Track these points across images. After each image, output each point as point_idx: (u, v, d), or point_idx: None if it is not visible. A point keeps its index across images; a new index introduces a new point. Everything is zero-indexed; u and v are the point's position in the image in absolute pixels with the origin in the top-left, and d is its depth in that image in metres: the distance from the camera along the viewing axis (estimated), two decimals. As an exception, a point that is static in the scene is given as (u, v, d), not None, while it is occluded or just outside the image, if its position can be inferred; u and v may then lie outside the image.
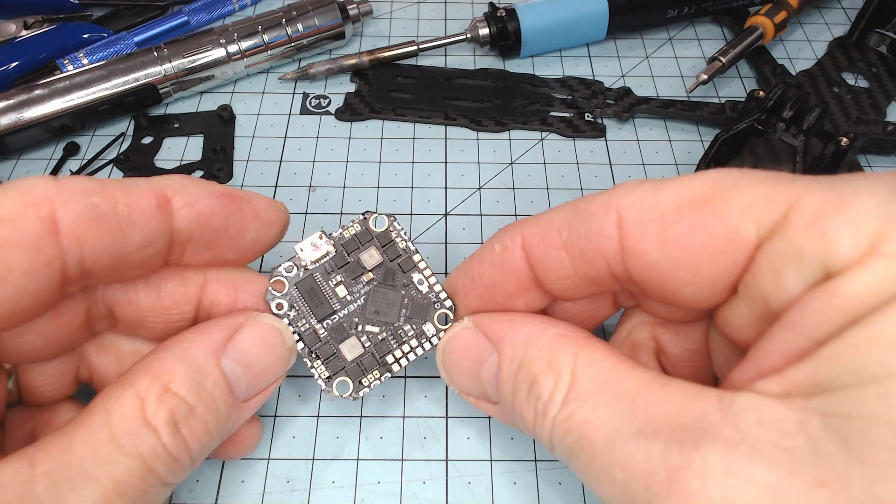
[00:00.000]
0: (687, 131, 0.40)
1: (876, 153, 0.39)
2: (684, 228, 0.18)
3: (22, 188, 0.19)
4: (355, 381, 0.24)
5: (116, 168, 0.38)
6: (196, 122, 0.40)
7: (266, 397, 0.24)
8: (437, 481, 0.27)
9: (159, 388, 0.20)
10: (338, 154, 0.38)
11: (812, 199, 0.16)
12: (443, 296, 0.25)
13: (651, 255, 0.19)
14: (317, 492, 0.26)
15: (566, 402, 0.19)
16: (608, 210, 0.19)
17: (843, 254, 0.15)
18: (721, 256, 0.18)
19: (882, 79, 0.42)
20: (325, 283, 0.25)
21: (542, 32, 0.43)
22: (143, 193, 0.21)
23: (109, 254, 0.20)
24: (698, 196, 0.18)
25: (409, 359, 0.25)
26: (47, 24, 0.44)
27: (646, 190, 0.19)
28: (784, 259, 0.17)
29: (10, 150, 0.38)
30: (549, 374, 0.20)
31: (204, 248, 0.23)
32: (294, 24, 0.42)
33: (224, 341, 0.22)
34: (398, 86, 0.42)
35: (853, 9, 0.47)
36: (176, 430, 0.20)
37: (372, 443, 0.28)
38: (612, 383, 0.19)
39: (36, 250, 0.18)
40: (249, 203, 0.23)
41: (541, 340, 0.21)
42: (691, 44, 0.46)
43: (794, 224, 0.16)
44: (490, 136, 0.40)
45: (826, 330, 0.15)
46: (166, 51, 0.39)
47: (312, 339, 0.24)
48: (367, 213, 0.25)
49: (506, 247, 0.22)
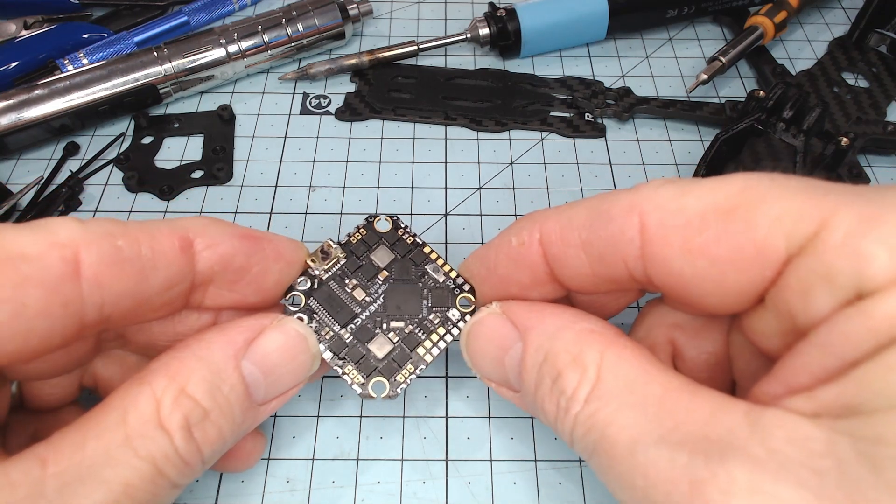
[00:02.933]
0: (687, 131, 0.40)
1: (876, 153, 0.39)
2: (710, 238, 0.17)
3: (49, 228, 0.19)
4: (391, 380, 0.24)
5: (116, 168, 0.38)
6: (196, 122, 0.40)
7: (284, 402, 0.23)
8: (437, 481, 0.27)
9: (176, 390, 0.19)
10: (338, 154, 0.38)
11: (846, 215, 0.16)
12: (460, 281, 0.25)
13: (674, 264, 0.18)
14: (317, 492, 0.26)
15: (590, 400, 0.18)
16: (630, 213, 0.19)
17: (878, 274, 0.15)
18: (748, 270, 0.17)
19: (882, 79, 0.42)
20: (342, 289, 0.24)
21: (542, 32, 0.43)
22: (165, 236, 0.20)
23: (131, 297, 0.20)
24: (726, 204, 0.17)
25: (440, 347, 0.24)
26: (47, 24, 0.44)
27: (671, 193, 0.18)
28: (815, 278, 0.16)
29: (10, 150, 0.38)
30: (575, 368, 0.19)
31: (226, 289, 0.22)
32: (294, 24, 0.41)
33: (245, 343, 0.21)
34: (398, 86, 0.42)
35: (853, 9, 0.47)
36: (189, 435, 0.19)
37: (372, 443, 0.28)
38: (639, 385, 0.18)
39: (54, 290, 0.18)
40: (271, 243, 0.23)
41: (568, 334, 0.20)
42: (691, 44, 0.46)
43: (826, 242, 0.16)
44: (490, 136, 0.40)
45: (858, 351, 0.15)
46: (166, 51, 0.39)
47: (339, 345, 0.24)
48: (370, 217, 0.25)
49: (523, 241, 0.22)
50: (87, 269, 0.19)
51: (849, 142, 0.34)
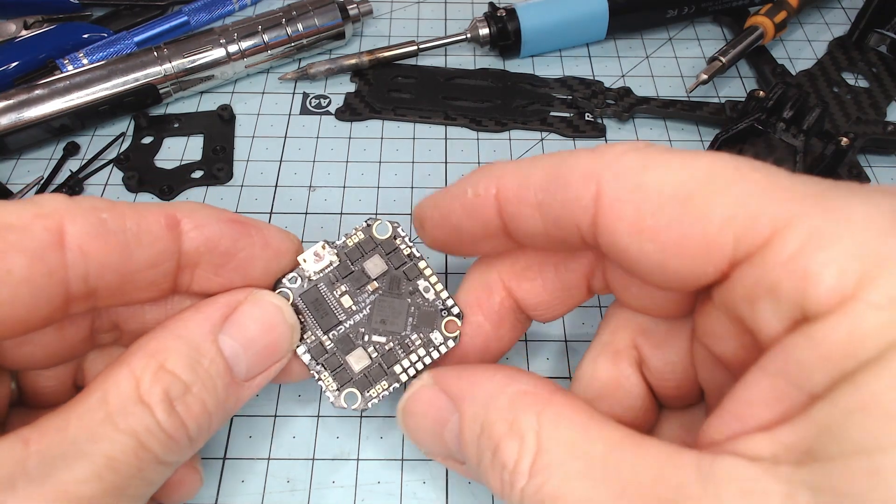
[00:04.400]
0: (687, 131, 0.40)
1: (876, 153, 0.39)
2: (661, 223, 0.17)
3: (35, 201, 0.19)
4: (363, 393, 0.24)
5: (116, 168, 0.38)
6: (196, 122, 0.40)
7: (269, 377, 0.23)
8: (437, 481, 0.27)
9: (155, 366, 0.20)
10: (338, 154, 0.38)
11: (799, 227, 0.15)
12: (450, 303, 0.25)
13: (622, 239, 0.18)
14: (317, 492, 0.26)
15: (533, 474, 0.18)
16: (588, 181, 0.18)
17: (823, 297, 0.14)
18: (692, 262, 0.17)
19: (882, 79, 0.42)
20: (330, 293, 0.24)
21: (542, 32, 0.43)
22: (152, 213, 0.21)
23: (115, 271, 0.20)
24: (684, 189, 0.17)
25: (416, 368, 0.24)
26: (47, 24, 0.44)
27: (633, 165, 0.18)
28: (761, 290, 0.16)
29: (10, 150, 0.38)
30: (513, 438, 0.18)
31: (212, 274, 0.22)
32: (294, 24, 0.42)
33: (222, 319, 0.22)
34: (398, 86, 0.42)
35: (853, 9, 0.47)
36: (171, 408, 0.19)
37: (372, 443, 0.28)
38: (580, 445, 0.17)
39: (38, 258, 0.19)
40: (259, 231, 0.23)
41: (502, 399, 0.19)
42: (691, 44, 0.46)
43: (774, 255, 0.15)
44: (490, 136, 0.40)
45: (814, 384, 0.14)
46: (166, 51, 0.39)
47: (319, 350, 0.24)
48: (370, 220, 0.25)
49: (479, 193, 0.21)
50: (71, 240, 0.19)
51: (849, 142, 0.34)
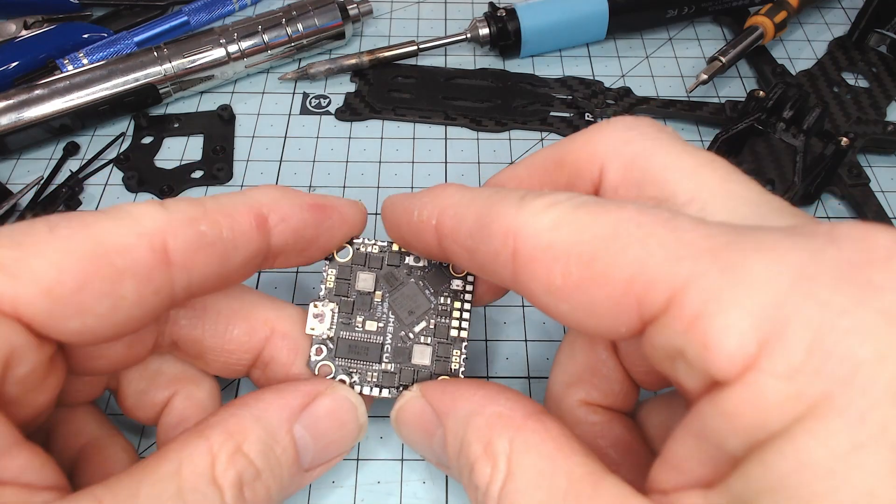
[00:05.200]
0: (687, 131, 0.40)
1: (876, 153, 0.39)
2: (569, 284, 0.17)
3: (134, 215, 0.19)
4: (450, 372, 0.24)
5: (116, 168, 0.38)
6: (196, 122, 0.40)
7: (328, 468, 0.23)
8: (436, 481, 0.27)
9: (232, 447, 0.20)
10: (338, 154, 0.38)
11: (697, 289, 0.15)
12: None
13: (540, 298, 0.18)
14: (317, 492, 0.26)
15: (502, 498, 0.19)
16: (507, 237, 0.18)
17: (724, 365, 0.14)
18: (604, 322, 0.17)
19: (882, 79, 0.42)
20: (354, 331, 0.24)
21: (542, 32, 0.43)
22: (242, 216, 0.21)
23: (215, 276, 0.21)
24: (590, 250, 0.17)
25: (465, 318, 0.24)
26: (47, 24, 0.44)
27: (546, 223, 0.18)
28: (671, 353, 0.16)
29: (10, 150, 0.38)
30: (486, 461, 0.19)
31: (295, 255, 0.23)
32: (294, 24, 0.42)
33: (300, 408, 0.22)
34: (398, 86, 0.42)
35: (853, 9, 0.47)
36: (240, 494, 0.20)
37: (372, 443, 0.28)
38: (546, 476, 0.18)
39: (147, 280, 0.19)
40: (336, 210, 0.24)
41: (479, 420, 0.20)
42: (691, 44, 0.46)
43: (673, 322, 0.15)
44: (490, 136, 0.40)
45: (730, 448, 0.15)
46: (166, 51, 0.39)
47: (389, 378, 0.24)
48: (329, 256, 0.25)
49: (422, 219, 0.22)
50: (174, 256, 0.19)
51: (849, 142, 0.34)
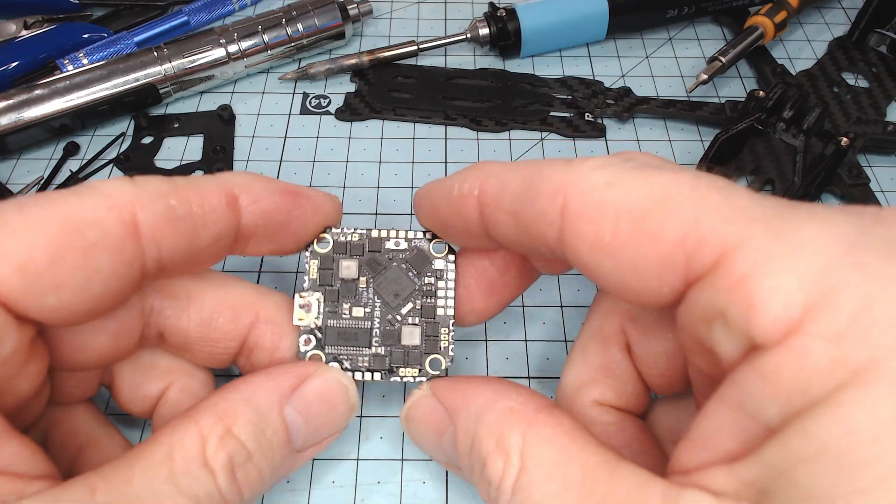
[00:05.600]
0: (687, 131, 0.40)
1: (876, 153, 0.39)
2: (618, 243, 0.17)
3: (102, 190, 0.20)
4: (440, 351, 0.24)
5: (116, 168, 0.38)
6: (196, 122, 0.40)
7: (321, 449, 0.24)
8: (437, 481, 0.27)
9: (222, 429, 0.20)
10: (338, 154, 0.38)
11: (747, 251, 0.15)
12: (420, 237, 0.25)
13: (584, 256, 0.18)
14: (317, 492, 0.26)
15: (515, 491, 0.18)
16: (556, 195, 0.19)
17: (768, 326, 0.14)
18: (648, 281, 0.17)
19: (882, 79, 0.42)
20: (341, 319, 0.25)
21: (542, 32, 0.43)
22: (213, 194, 0.21)
23: (184, 251, 0.21)
24: (641, 207, 0.17)
25: (449, 297, 0.25)
26: (47, 24, 0.44)
27: (598, 182, 0.18)
28: (713, 314, 0.16)
29: (10, 150, 0.38)
30: (499, 455, 0.19)
31: (266, 241, 0.24)
32: (294, 24, 0.42)
33: (291, 390, 0.22)
34: (398, 86, 0.42)
35: (853, 9, 0.47)
36: (232, 475, 0.20)
37: (372, 443, 0.28)
38: (561, 468, 0.18)
39: (119, 252, 0.19)
40: (309, 199, 0.24)
41: (490, 416, 0.20)
42: (691, 44, 0.46)
43: (722, 279, 0.15)
44: (490, 136, 0.40)
45: (766, 417, 0.15)
46: (166, 51, 0.39)
47: (381, 362, 0.24)
48: (307, 247, 0.25)
49: (463, 192, 0.22)
50: (144, 228, 0.20)
51: (849, 142, 0.34)
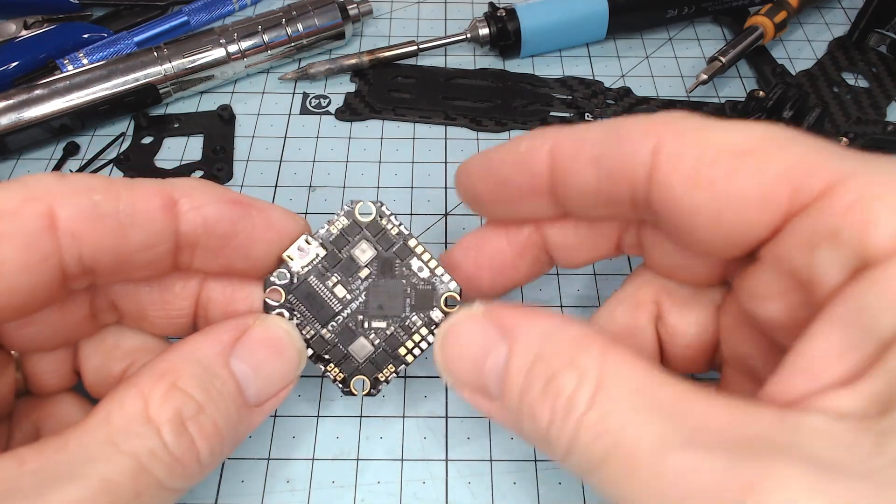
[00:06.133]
0: (687, 131, 0.40)
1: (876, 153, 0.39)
2: (718, 174, 0.17)
3: (25, 183, 0.19)
4: (371, 378, 0.24)
5: (116, 168, 0.38)
6: (196, 122, 0.40)
7: (278, 402, 0.23)
8: (437, 481, 0.27)
9: (165, 385, 0.19)
10: (338, 154, 0.38)
11: (857, 180, 0.16)
12: (446, 279, 0.24)
13: (677, 191, 0.18)
14: (317, 492, 0.26)
15: (594, 405, 0.16)
16: (647, 135, 0.19)
17: (884, 240, 0.15)
18: (747, 214, 0.17)
19: (882, 79, 0.42)
20: (322, 285, 0.24)
21: (542, 32, 0.43)
22: (147, 193, 0.20)
23: (110, 252, 0.20)
24: (743, 145, 0.18)
25: (421, 348, 0.24)
26: (47, 24, 0.44)
27: (691, 125, 0.19)
28: (819, 238, 0.16)
29: (10, 150, 0.38)
30: (573, 371, 0.17)
31: (212, 255, 0.22)
32: (294, 24, 0.41)
33: (232, 342, 0.21)
34: (398, 86, 0.42)
35: (853, 9, 0.47)
36: (182, 429, 0.19)
37: (372, 443, 0.28)
38: (646, 389, 0.16)
39: (31, 245, 0.18)
40: (261, 212, 0.22)
41: (562, 336, 0.18)
42: (691, 44, 0.46)
43: (834, 203, 0.16)
44: (490, 136, 0.40)
45: (883, 328, 0.14)
46: (166, 51, 0.39)
47: (320, 344, 0.24)
48: (353, 202, 0.24)
49: (534, 148, 0.21)
50: (62, 224, 0.19)
51: (849, 142, 0.34)
